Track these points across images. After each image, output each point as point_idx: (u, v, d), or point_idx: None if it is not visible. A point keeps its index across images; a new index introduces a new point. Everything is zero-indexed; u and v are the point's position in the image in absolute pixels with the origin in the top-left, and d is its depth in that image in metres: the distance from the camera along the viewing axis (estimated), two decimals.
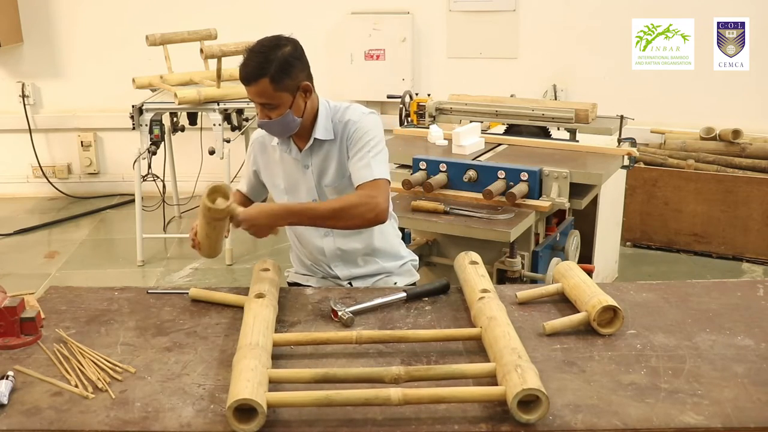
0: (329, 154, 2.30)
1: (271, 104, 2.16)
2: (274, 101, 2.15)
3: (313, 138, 2.27)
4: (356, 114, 2.27)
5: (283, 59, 2.12)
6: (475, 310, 1.89)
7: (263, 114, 2.18)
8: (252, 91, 2.15)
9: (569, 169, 3.21)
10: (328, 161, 2.30)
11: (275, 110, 2.17)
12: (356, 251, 2.39)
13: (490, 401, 1.54)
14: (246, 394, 1.46)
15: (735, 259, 4.61)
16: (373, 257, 2.43)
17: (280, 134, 2.27)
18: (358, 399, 1.52)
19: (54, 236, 5.26)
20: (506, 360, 1.58)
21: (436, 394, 1.53)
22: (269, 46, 2.14)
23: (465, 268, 2.13)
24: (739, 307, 2.01)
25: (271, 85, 2.12)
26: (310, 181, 2.32)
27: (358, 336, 1.79)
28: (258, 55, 2.12)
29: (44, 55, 5.76)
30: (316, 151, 2.30)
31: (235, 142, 4.67)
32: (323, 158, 2.30)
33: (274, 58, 2.11)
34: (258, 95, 2.14)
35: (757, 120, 4.93)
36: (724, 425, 1.50)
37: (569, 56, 5.35)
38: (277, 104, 2.16)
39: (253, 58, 2.12)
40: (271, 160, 2.38)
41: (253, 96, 2.16)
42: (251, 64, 2.12)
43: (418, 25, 5.55)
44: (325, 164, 2.30)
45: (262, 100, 2.15)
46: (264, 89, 2.12)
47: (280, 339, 1.79)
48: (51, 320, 1.96)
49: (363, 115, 2.28)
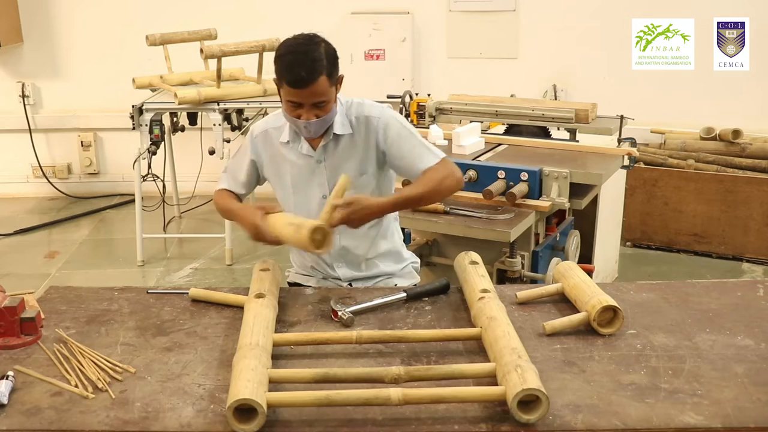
0: (346, 149, 2.29)
1: (325, 101, 2.14)
2: (327, 97, 2.14)
3: (332, 133, 2.26)
4: (375, 109, 2.30)
5: (330, 53, 2.13)
6: (475, 310, 1.89)
7: (311, 114, 2.15)
8: (308, 92, 2.10)
9: (569, 169, 3.21)
10: (345, 156, 2.29)
11: (325, 107, 2.15)
12: (360, 253, 2.38)
13: (490, 401, 1.54)
14: (246, 394, 1.46)
15: (735, 259, 4.61)
16: (375, 260, 2.42)
17: (320, 131, 2.23)
18: (358, 399, 1.52)
19: (54, 236, 5.26)
20: (506, 360, 1.58)
21: (436, 394, 1.53)
22: (310, 44, 2.12)
23: (465, 268, 2.14)
24: (739, 307, 2.01)
25: (328, 81, 2.11)
26: (322, 177, 2.30)
27: (358, 336, 1.79)
28: (306, 54, 2.09)
29: (44, 55, 5.76)
30: (332, 146, 2.29)
31: (235, 142, 4.66)
32: (339, 153, 2.29)
33: (321, 54, 2.10)
34: (315, 94, 2.11)
35: (757, 120, 4.93)
36: (724, 425, 1.50)
37: (569, 56, 5.35)
38: (328, 99, 2.15)
39: (303, 59, 2.09)
40: (276, 154, 2.34)
41: (308, 97, 2.12)
42: (305, 65, 2.08)
43: (418, 25, 5.55)
44: (340, 160, 2.29)
45: (319, 98, 2.12)
46: (322, 87, 2.10)
47: (280, 339, 1.79)
48: (51, 320, 1.96)
49: (382, 109, 2.31)
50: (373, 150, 2.29)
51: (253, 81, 4.68)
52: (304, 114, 2.15)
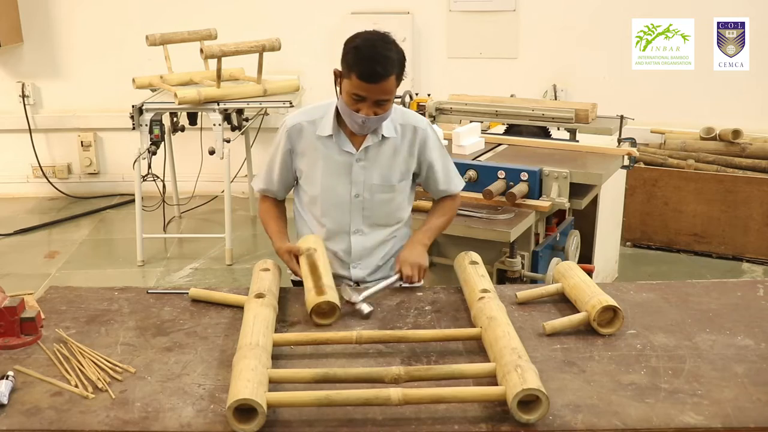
0: (385, 152, 2.32)
1: (388, 99, 2.17)
2: (392, 95, 2.18)
3: (380, 134, 2.29)
4: (421, 121, 2.39)
5: (401, 55, 2.16)
6: (475, 310, 1.89)
7: (370, 110, 2.17)
8: (378, 88, 2.13)
9: (569, 169, 3.21)
10: (382, 158, 2.32)
11: (386, 105, 2.19)
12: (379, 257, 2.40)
13: (490, 401, 1.54)
14: (246, 394, 1.46)
15: (735, 259, 4.61)
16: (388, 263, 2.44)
17: (372, 129, 2.26)
18: (358, 399, 1.52)
19: (54, 236, 5.26)
20: (506, 360, 1.58)
21: (436, 394, 1.53)
22: (386, 41, 2.15)
23: (465, 268, 2.14)
24: (739, 307, 2.01)
25: (396, 81, 2.15)
26: (359, 176, 2.31)
27: (358, 336, 1.79)
28: (382, 51, 2.12)
29: (44, 55, 5.76)
30: (374, 148, 2.31)
31: (235, 142, 4.67)
32: (378, 155, 2.31)
33: (396, 55, 2.14)
34: (383, 92, 2.14)
35: (757, 120, 4.93)
36: (724, 425, 1.50)
37: (569, 56, 5.35)
38: (391, 99, 2.19)
39: (380, 55, 2.11)
40: (310, 148, 2.34)
41: (376, 93, 2.14)
42: (382, 62, 2.11)
43: (418, 25, 5.55)
44: (378, 161, 2.31)
45: (384, 96, 2.15)
46: (390, 85, 2.14)
47: (280, 339, 1.79)
48: (51, 320, 1.96)
49: (428, 123, 2.41)
50: (415, 158, 2.36)
51: (253, 81, 4.68)
52: (364, 109, 2.17)
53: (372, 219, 2.36)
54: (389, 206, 2.36)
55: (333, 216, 2.35)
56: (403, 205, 2.41)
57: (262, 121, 5.41)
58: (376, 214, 2.36)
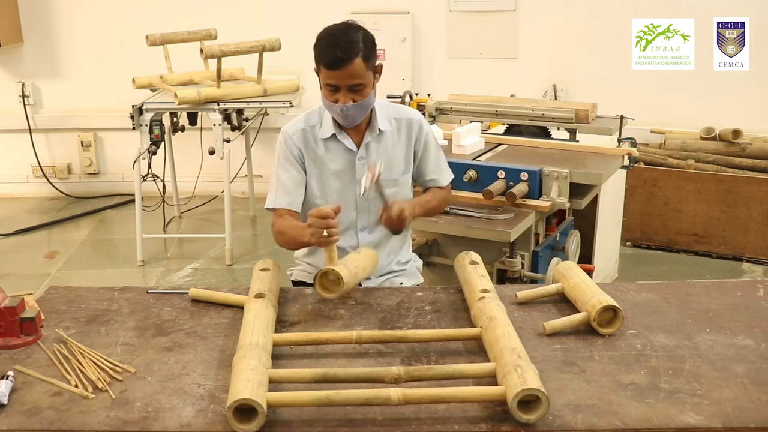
0: (384, 146, 2.34)
1: (361, 84, 2.17)
2: (364, 80, 2.17)
3: (377, 129, 2.31)
4: (415, 114, 2.43)
5: (367, 38, 2.18)
6: (475, 310, 1.89)
7: (347, 98, 2.17)
8: (345, 73, 2.14)
9: (569, 169, 3.21)
10: (382, 153, 2.33)
11: (362, 91, 2.18)
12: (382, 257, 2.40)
13: (490, 401, 1.54)
14: (246, 394, 1.46)
15: (735, 259, 4.61)
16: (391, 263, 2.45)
17: (358, 119, 2.27)
18: (358, 399, 1.52)
19: (54, 236, 5.26)
20: (506, 360, 1.58)
21: (436, 394, 1.53)
22: (348, 28, 2.18)
23: (465, 268, 2.13)
24: (739, 307, 2.01)
25: (364, 64, 2.15)
26: (361, 173, 2.31)
27: (358, 336, 1.79)
28: (343, 37, 2.15)
29: (44, 55, 5.76)
30: (374, 144, 2.33)
31: (235, 142, 4.67)
32: (378, 150, 2.33)
33: (358, 37, 2.16)
34: (351, 76, 2.15)
35: (757, 120, 4.93)
36: (724, 425, 1.50)
37: (569, 56, 5.35)
38: (365, 83, 2.18)
39: (340, 40, 2.13)
40: (315, 152, 2.34)
41: (345, 78, 2.15)
42: (341, 46, 2.13)
43: (418, 25, 5.55)
44: (378, 156, 2.33)
45: (354, 81, 2.16)
46: (358, 68, 2.14)
47: (280, 339, 1.79)
48: (51, 320, 1.96)
49: (421, 116, 2.45)
50: (412, 150, 2.40)
51: (253, 81, 4.68)
52: (341, 98, 2.18)
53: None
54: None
55: (341, 215, 2.34)
56: (407, 197, 2.42)
57: (262, 121, 5.41)
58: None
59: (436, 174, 2.48)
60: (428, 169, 2.46)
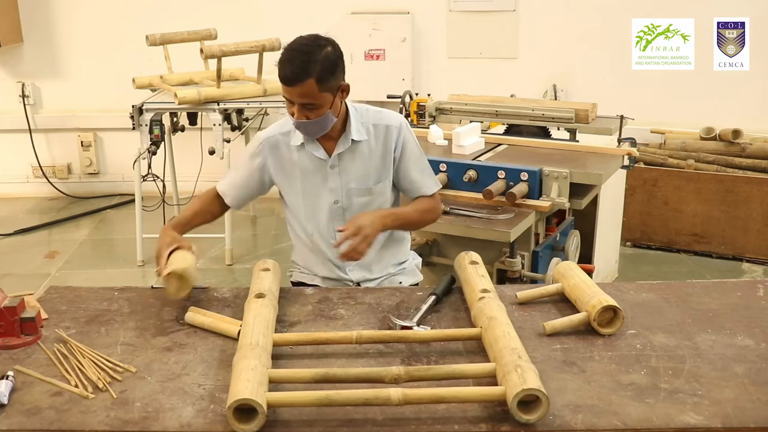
0: (359, 155, 2.30)
1: (313, 104, 2.13)
2: (317, 101, 2.12)
3: (350, 140, 2.27)
4: (394, 119, 2.34)
5: (328, 60, 2.10)
6: (475, 310, 1.89)
7: (301, 114, 2.14)
8: (295, 91, 2.10)
9: (569, 169, 3.21)
10: (356, 162, 2.30)
11: (316, 110, 2.14)
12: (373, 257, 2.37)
13: (490, 401, 1.54)
14: (246, 394, 1.46)
15: (735, 259, 4.61)
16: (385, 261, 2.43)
17: (315, 134, 2.24)
18: (358, 399, 1.52)
19: (54, 236, 5.26)
20: (506, 360, 1.58)
21: (436, 394, 1.53)
22: (312, 45, 2.11)
23: (465, 268, 2.13)
24: (739, 307, 2.01)
25: (317, 86, 2.09)
26: (335, 182, 2.31)
27: (358, 336, 1.79)
28: (302, 55, 2.08)
29: (44, 55, 5.76)
30: (350, 154, 2.29)
31: (235, 142, 4.67)
32: (351, 159, 2.30)
33: (318, 58, 2.08)
34: (301, 96, 2.11)
35: (757, 120, 4.93)
36: (724, 425, 1.50)
37: (569, 56, 5.35)
38: (319, 104, 2.13)
39: (297, 58, 2.08)
40: (286, 160, 2.34)
41: (295, 96, 2.12)
42: (296, 64, 2.07)
43: (418, 25, 5.55)
44: (352, 165, 2.30)
45: (305, 100, 2.12)
46: (309, 90, 2.09)
47: (280, 339, 1.79)
48: (51, 320, 1.96)
49: (400, 119, 2.35)
50: (391, 158, 2.32)
51: (253, 81, 4.68)
52: (296, 113, 2.16)
53: None
54: (369, 209, 2.33)
55: (316, 223, 2.35)
56: (385, 206, 2.37)
57: (262, 121, 5.41)
58: None
59: (419, 182, 2.36)
60: (409, 177, 2.35)
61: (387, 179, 2.35)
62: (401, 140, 2.32)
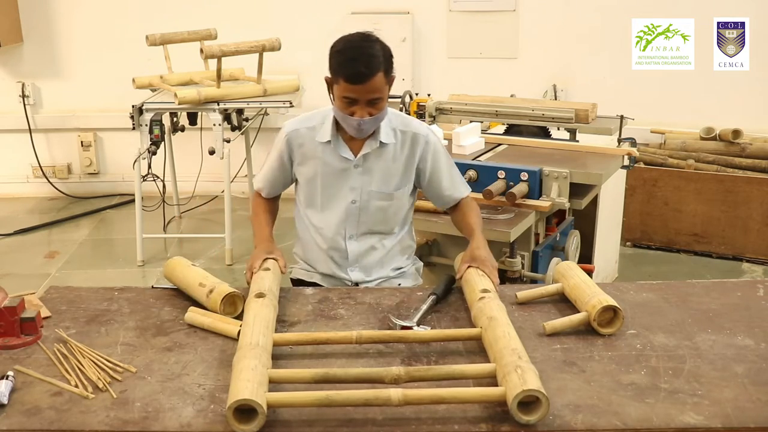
0: (384, 158, 2.31)
1: (381, 98, 2.15)
2: (383, 94, 2.15)
3: (378, 141, 2.27)
4: (423, 127, 2.36)
5: (386, 51, 2.15)
6: (475, 310, 1.89)
7: (365, 111, 2.15)
8: (367, 87, 2.11)
9: (569, 169, 3.21)
10: (381, 164, 2.31)
11: (379, 104, 2.16)
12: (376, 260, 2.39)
13: (490, 402, 1.54)
14: (246, 395, 1.46)
15: (735, 259, 4.61)
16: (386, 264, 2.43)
17: (371, 130, 2.24)
18: (358, 399, 1.52)
19: (54, 236, 5.26)
20: (506, 360, 1.58)
21: (436, 395, 1.53)
22: (367, 41, 2.14)
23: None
24: (739, 307, 2.01)
25: (385, 78, 2.13)
26: (357, 182, 2.31)
27: (358, 336, 1.79)
28: (364, 51, 2.10)
29: (44, 55, 5.76)
30: (378, 156, 2.30)
31: (235, 142, 4.67)
32: (377, 161, 2.30)
33: (379, 51, 2.12)
34: (372, 91, 2.12)
35: (757, 120, 4.93)
36: (724, 425, 1.50)
37: (569, 56, 5.35)
38: (383, 97, 2.16)
39: (362, 54, 2.09)
40: (309, 155, 2.34)
41: (365, 93, 2.12)
42: (365, 61, 2.09)
43: (418, 25, 5.55)
44: (376, 167, 2.31)
45: (374, 95, 2.13)
46: (379, 83, 2.12)
47: (280, 339, 1.79)
48: (51, 320, 1.96)
49: (428, 128, 2.38)
50: (414, 167, 2.34)
51: (253, 81, 4.68)
52: (358, 111, 2.15)
53: (367, 225, 2.36)
54: (385, 214, 2.35)
55: (329, 221, 2.36)
56: (400, 213, 2.39)
57: (262, 121, 5.41)
58: (371, 221, 2.36)
59: (452, 190, 2.42)
60: (442, 187, 2.40)
61: (407, 186, 2.37)
62: (430, 150, 2.34)
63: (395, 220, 2.40)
